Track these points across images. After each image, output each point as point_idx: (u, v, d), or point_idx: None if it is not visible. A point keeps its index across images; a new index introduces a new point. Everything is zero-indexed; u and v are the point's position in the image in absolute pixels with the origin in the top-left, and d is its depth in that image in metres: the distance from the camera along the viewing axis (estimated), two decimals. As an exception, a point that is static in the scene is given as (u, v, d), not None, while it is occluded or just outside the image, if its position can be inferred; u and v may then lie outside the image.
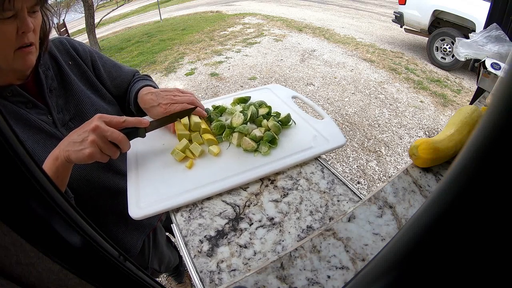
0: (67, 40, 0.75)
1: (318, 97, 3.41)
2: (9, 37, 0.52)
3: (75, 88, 0.70)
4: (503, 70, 0.78)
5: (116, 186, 0.75)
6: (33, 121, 0.61)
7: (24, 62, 0.57)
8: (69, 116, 0.69)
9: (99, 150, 0.56)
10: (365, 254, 0.47)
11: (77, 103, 0.70)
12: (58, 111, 0.67)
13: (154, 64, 4.79)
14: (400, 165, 2.41)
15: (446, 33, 4.00)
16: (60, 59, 0.70)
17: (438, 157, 0.59)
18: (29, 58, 0.57)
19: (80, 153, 0.55)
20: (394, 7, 5.51)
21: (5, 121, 0.23)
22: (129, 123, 0.62)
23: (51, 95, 0.66)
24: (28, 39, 0.55)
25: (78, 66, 0.74)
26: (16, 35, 0.53)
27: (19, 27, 0.53)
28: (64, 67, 0.70)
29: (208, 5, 10.14)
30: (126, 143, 0.60)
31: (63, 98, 0.69)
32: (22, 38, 0.54)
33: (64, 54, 0.72)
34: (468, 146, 0.14)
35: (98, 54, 0.79)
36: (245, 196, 0.61)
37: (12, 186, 0.24)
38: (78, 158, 0.55)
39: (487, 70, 0.81)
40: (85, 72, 0.74)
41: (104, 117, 0.59)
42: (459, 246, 0.14)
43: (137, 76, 0.85)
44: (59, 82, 0.69)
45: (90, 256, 0.31)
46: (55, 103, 0.66)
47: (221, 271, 0.48)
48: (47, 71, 0.66)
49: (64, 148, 0.56)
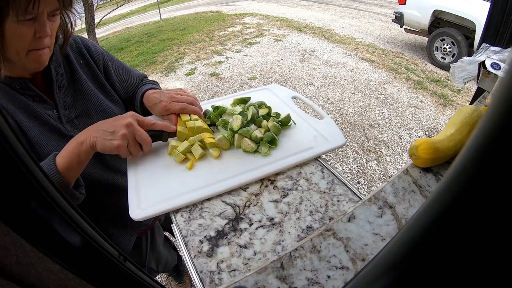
0: (81, 39, 0.76)
1: (318, 97, 3.41)
2: (25, 39, 0.53)
3: (85, 87, 0.72)
4: (503, 70, 0.78)
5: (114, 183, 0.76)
6: (39, 114, 0.63)
7: (36, 63, 0.58)
8: (75, 114, 0.70)
9: (126, 144, 0.60)
10: (365, 254, 0.47)
11: (85, 101, 0.71)
12: (65, 108, 0.68)
13: (154, 64, 4.79)
14: (400, 165, 2.41)
15: (446, 33, 4.00)
16: (72, 57, 0.71)
17: (438, 157, 0.59)
18: (42, 59, 0.58)
19: (108, 142, 0.58)
20: (394, 7, 5.51)
21: (5, 121, 0.23)
22: (157, 126, 0.67)
23: (59, 92, 0.67)
24: (43, 44, 0.56)
25: (88, 66, 0.75)
26: (33, 38, 0.54)
27: (37, 31, 0.53)
28: (75, 65, 0.71)
29: (208, 5, 10.14)
30: (150, 145, 0.64)
31: (71, 95, 0.70)
32: (38, 42, 0.55)
33: (77, 53, 0.74)
34: (468, 146, 0.14)
35: (109, 56, 0.81)
36: (245, 196, 0.61)
37: (12, 186, 0.24)
38: (105, 146, 0.58)
39: (487, 70, 0.81)
40: (95, 72, 0.76)
41: (137, 116, 0.63)
42: (459, 246, 0.14)
43: (145, 81, 0.88)
44: (69, 80, 0.70)
45: (90, 256, 0.31)
46: (62, 100, 0.68)
47: (221, 271, 0.48)
48: (58, 68, 0.67)
49: (92, 135, 0.58)
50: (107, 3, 14.36)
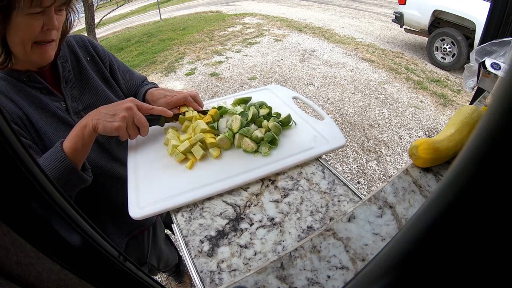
0: (88, 39, 0.80)
1: (318, 97, 3.41)
2: (34, 32, 0.56)
3: (92, 81, 0.75)
4: (503, 70, 0.78)
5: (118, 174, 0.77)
6: (48, 105, 0.66)
7: (41, 56, 0.60)
8: (82, 106, 0.72)
9: (126, 126, 0.63)
10: (365, 254, 0.47)
11: (92, 95, 0.75)
12: (72, 100, 0.71)
13: (154, 64, 4.79)
14: (400, 165, 2.41)
15: (446, 33, 4.00)
16: (79, 54, 0.75)
17: (438, 157, 0.59)
18: (47, 53, 0.61)
19: (109, 124, 0.61)
20: (394, 7, 5.51)
21: (5, 121, 0.23)
22: (155, 110, 0.70)
23: (66, 86, 0.70)
24: (50, 36, 0.59)
25: (95, 63, 0.79)
26: (41, 30, 0.57)
27: (45, 23, 0.56)
28: (83, 61, 0.75)
29: (208, 5, 10.14)
30: (147, 129, 0.67)
31: (78, 89, 0.73)
32: (45, 34, 0.58)
33: (84, 50, 0.78)
34: (468, 146, 0.14)
35: (114, 57, 0.87)
36: (246, 196, 0.61)
37: (12, 186, 0.24)
38: (106, 127, 0.61)
39: (487, 70, 0.81)
40: (101, 69, 0.80)
41: (136, 101, 0.67)
42: (459, 246, 0.14)
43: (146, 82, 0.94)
44: (76, 75, 0.73)
45: (90, 256, 0.31)
46: (69, 93, 0.71)
47: (221, 271, 0.48)
48: (65, 63, 0.71)
49: (94, 117, 0.61)
50: (107, 3, 14.35)
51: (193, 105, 0.80)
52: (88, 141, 0.61)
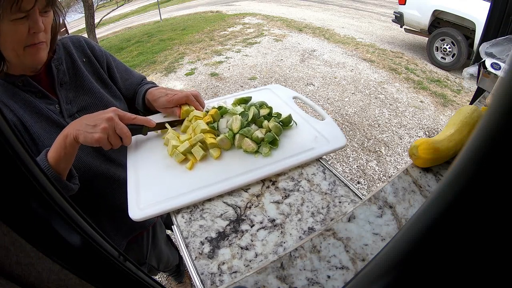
0: (85, 40, 0.80)
1: (318, 97, 3.41)
2: (21, 36, 0.56)
3: (87, 83, 0.75)
4: (503, 70, 0.78)
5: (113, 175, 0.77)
6: (41, 110, 0.65)
7: (33, 58, 0.60)
8: (76, 108, 0.72)
9: (107, 137, 0.62)
10: (365, 254, 0.47)
11: (87, 97, 0.74)
12: (67, 102, 0.71)
13: (154, 64, 4.79)
14: (400, 165, 2.41)
15: (446, 33, 4.00)
16: (75, 55, 0.75)
17: (438, 157, 0.59)
18: (39, 55, 0.61)
19: (89, 135, 0.60)
20: (394, 7, 5.51)
21: (5, 121, 0.23)
22: (138, 120, 0.69)
23: (61, 88, 0.70)
24: (38, 39, 0.59)
25: (91, 63, 0.78)
26: (28, 34, 0.56)
27: (31, 27, 0.56)
28: (78, 63, 0.75)
29: (208, 5, 10.14)
30: (129, 139, 0.66)
31: (73, 91, 0.73)
32: (33, 37, 0.58)
33: (80, 52, 0.77)
34: (468, 147, 0.14)
35: (112, 57, 0.86)
36: (246, 197, 0.61)
37: (12, 186, 0.24)
38: (86, 139, 0.60)
39: (487, 70, 0.81)
40: (97, 69, 0.79)
41: (118, 111, 0.66)
42: (459, 246, 0.14)
43: (145, 81, 0.93)
44: (71, 77, 0.73)
45: (90, 256, 0.31)
46: (64, 95, 0.70)
47: (222, 273, 0.48)
48: (60, 66, 0.70)
49: (76, 128, 0.60)
50: (107, 3, 14.36)
51: (195, 104, 0.79)
52: (71, 150, 0.61)
